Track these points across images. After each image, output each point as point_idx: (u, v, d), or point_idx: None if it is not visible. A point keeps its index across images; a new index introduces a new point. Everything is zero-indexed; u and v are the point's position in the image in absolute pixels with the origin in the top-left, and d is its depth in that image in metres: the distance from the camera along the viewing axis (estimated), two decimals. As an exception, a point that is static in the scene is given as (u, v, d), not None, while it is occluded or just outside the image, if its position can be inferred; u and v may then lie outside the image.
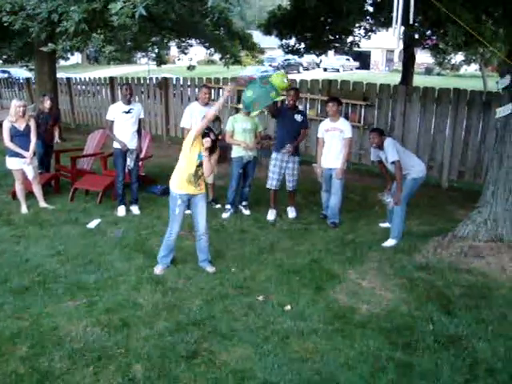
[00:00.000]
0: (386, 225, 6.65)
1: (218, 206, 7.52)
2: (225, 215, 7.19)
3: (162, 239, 5.95)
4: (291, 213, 7.25)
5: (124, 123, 7.00)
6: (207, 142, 5.03)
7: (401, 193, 6.06)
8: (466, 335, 4.19)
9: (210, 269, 5.41)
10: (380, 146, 6.16)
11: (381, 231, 6.60)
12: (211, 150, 5.11)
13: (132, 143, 7.07)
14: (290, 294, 4.87)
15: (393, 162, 6.02)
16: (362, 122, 9.80)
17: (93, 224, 6.74)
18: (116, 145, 7.09)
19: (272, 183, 7.13)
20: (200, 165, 5.12)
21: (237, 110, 7.80)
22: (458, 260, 5.62)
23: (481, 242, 5.76)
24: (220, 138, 5.35)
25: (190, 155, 5.09)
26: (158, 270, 5.35)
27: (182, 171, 5.16)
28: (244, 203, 7.36)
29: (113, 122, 7.02)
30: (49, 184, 8.27)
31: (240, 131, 7.05)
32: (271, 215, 7.18)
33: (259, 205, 7.54)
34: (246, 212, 7.31)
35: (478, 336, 4.17)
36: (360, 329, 4.28)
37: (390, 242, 6.16)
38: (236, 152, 7.17)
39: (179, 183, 5.18)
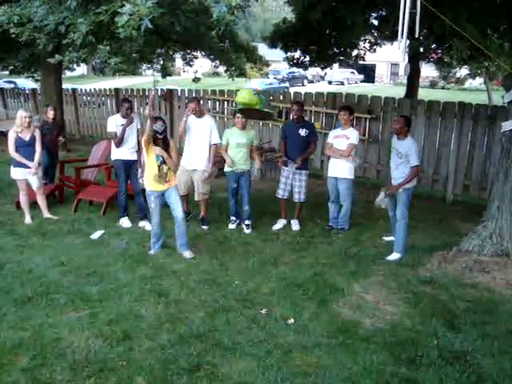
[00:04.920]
0: (390, 238, 6.62)
1: (205, 227, 7.21)
2: (231, 226, 7.20)
3: (167, 251, 5.99)
4: (295, 226, 7.23)
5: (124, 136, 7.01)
6: (156, 149, 5.85)
7: (398, 187, 6.05)
8: (471, 351, 4.14)
9: (189, 254, 6.04)
10: (399, 134, 6.12)
11: (385, 245, 6.57)
12: (165, 149, 5.90)
13: (133, 156, 7.08)
14: (293, 307, 4.84)
15: (413, 166, 5.99)
16: (366, 135, 9.79)
17: (96, 235, 6.73)
18: (116, 156, 7.09)
19: (279, 192, 7.20)
20: (161, 164, 5.89)
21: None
22: (463, 274, 5.58)
23: (486, 257, 5.73)
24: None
25: (150, 159, 5.90)
26: (151, 252, 6.17)
27: (149, 172, 5.98)
28: (247, 222, 7.14)
29: (115, 133, 7.03)
30: (53, 194, 8.29)
31: (234, 145, 6.98)
32: (278, 225, 7.19)
33: (263, 217, 7.52)
34: (247, 231, 7.09)
35: (483, 352, 4.13)
36: (364, 343, 4.24)
37: (394, 256, 6.13)
38: (227, 166, 7.10)
39: (149, 182, 6.02)
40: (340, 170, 6.89)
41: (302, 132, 6.98)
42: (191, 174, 7.05)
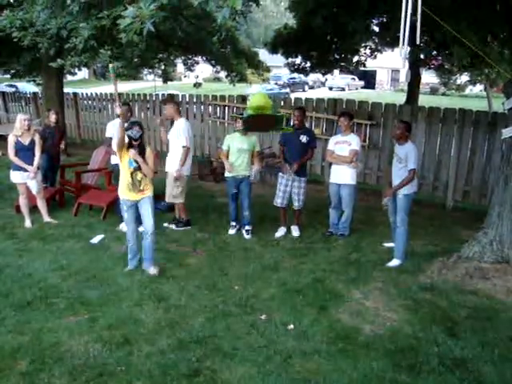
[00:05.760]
0: (390, 244, 6.61)
1: (172, 226, 7.31)
2: (231, 231, 7.19)
3: (166, 256, 5.97)
4: (295, 232, 7.22)
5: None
6: (130, 152, 5.43)
7: (395, 190, 6.10)
8: (472, 358, 4.13)
9: (152, 271, 5.64)
10: (400, 139, 6.15)
11: (385, 251, 6.56)
12: (141, 154, 5.48)
13: None
14: (293, 313, 4.83)
15: (410, 170, 6.00)
16: (367, 142, 9.79)
17: (96, 239, 6.72)
18: (116, 160, 7.11)
19: (277, 201, 7.15)
20: (135, 170, 5.49)
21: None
22: (464, 281, 5.57)
23: (486, 264, 5.72)
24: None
25: (123, 165, 5.55)
26: (129, 268, 5.80)
27: (122, 180, 5.62)
28: (247, 228, 7.12)
29: (111, 138, 7.08)
30: (53, 198, 8.28)
31: (235, 151, 6.97)
32: (280, 232, 7.17)
33: (263, 223, 7.52)
34: (247, 236, 7.06)
35: (483, 359, 4.12)
36: (363, 350, 4.23)
37: (395, 262, 6.12)
38: (228, 172, 7.12)
39: (122, 190, 5.64)
40: (342, 176, 6.89)
41: (303, 139, 6.96)
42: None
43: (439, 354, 4.18)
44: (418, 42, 5.22)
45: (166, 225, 7.30)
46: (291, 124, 7.30)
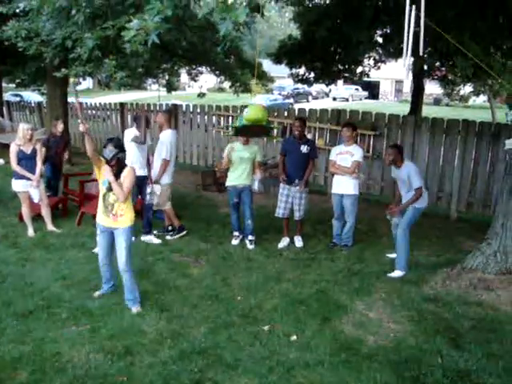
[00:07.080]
0: (393, 255, 6.57)
1: (169, 237, 7.30)
2: (234, 242, 7.16)
3: (169, 266, 5.94)
4: (298, 242, 7.20)
5: (135, 152, 6.99)
6: (105, 168, 4.91)
7: (402, 208, 6.12)
8: (476, 370, 4.09)
9: (134, 309, 5.01)
10: (396, 164, 6.16)
11: (388, 262, 6.53)
12: (117, 174, 4.90)
13: (142, 172, 7.06)
14: (296, 324, 4.80)
15: (416, 188, 6.00)
16: (370, 152, 9.78)
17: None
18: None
19: (279, 212, 7.14)
20: (107, 191, 4.92)
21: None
22: (467, 292, 5.54)
23: (490, 275, 5.69)
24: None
25: (99, 184, 5.04)
26: (97, 294, 5.32)
27: (99, 201, 5.07)
28: (250, 237, 7.10)
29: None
30: (56, 207, 8.29)
31: (236, 160, 6.96)
32: (283, 243, 7.15)
33: (266, 233, 7.50)
34: (251, 246, 7.03)
35: (488, 371, 4.08)
36: (367, 361, 4.20)
37: (397, 273, 6.09)
38: (228, 181, 7.12)
39: (98, 213, 5.10)
40: (345, 186, 6.88)
41: (304, 149, 6.96)
42: None
43: (443, 365, 4.15)
44: (421, 53, 5.23)
45: (168, 237, 7.29)
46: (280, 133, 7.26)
